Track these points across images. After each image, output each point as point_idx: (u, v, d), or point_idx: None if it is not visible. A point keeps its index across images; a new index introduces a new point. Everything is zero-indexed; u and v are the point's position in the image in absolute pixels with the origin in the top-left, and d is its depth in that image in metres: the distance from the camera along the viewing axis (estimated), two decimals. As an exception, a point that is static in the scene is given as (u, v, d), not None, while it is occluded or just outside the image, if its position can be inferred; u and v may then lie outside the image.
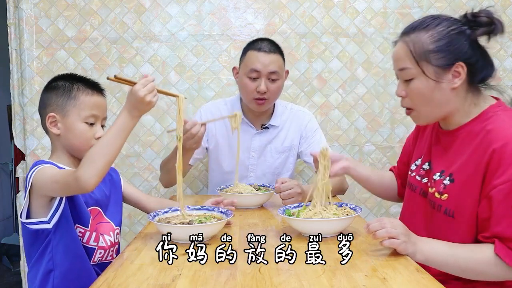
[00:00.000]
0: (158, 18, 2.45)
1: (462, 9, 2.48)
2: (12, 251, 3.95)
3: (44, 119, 1.42)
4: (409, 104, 1.33)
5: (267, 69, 1.95)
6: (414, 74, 1.28)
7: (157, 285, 1.01)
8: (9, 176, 4.45)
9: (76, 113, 1.39)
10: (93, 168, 1.19)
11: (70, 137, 1.40)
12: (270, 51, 1.96)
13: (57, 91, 1.41)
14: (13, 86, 2.42)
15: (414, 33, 1.28)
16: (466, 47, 1.25)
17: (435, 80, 1.25)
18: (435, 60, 1.25)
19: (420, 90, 1.27)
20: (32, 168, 1.32)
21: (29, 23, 2.40)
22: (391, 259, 1.14)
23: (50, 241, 1.34)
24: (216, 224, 1.31)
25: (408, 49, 1.28)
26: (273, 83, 1.97)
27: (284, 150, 2.12)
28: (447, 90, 1.26)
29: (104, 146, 1.22)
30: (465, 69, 1.25)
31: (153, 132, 2.47)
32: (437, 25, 1.26)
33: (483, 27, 1.25)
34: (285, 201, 1.69)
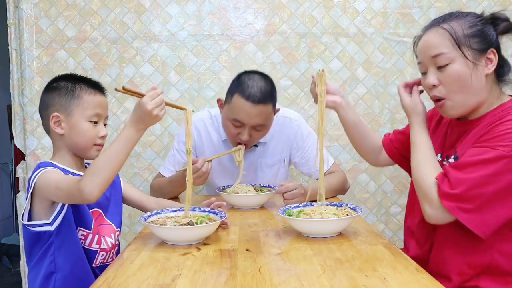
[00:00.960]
0: (158, 18, 2.45)
1: (462, 9, 2.48)
2: (12, 251, 3.95)
3: (47, 119, 1.42)
4: (442, 92, 1.30)
5: (252, 121, 1.80)
6: (451, 59, 1.28)
7: (157, 285, 1.01)
8: (9, 176, 4.45)
9: (80, 112, 1.40)
10: (97, 180, 1.19)
11: (74, 137, 1.40)
12: (259, 101, 1.77)
13: (59, 91, 1.41)
14: (13, 86, 2.43)
15: (452, 20, 1.31)
16: (494, 36, 1.31)
17: (473, 62, 1.27)
18: (474, 44, 1.28)
19: (459, 73, 1.27)
20: (36, 171, 1.32)
21: (29, 23, 2.40)
22: (391, 259, 1.14)
23: (52, 243, 1.34)
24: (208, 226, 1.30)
25: (448, 34, 1.29)
26: (258, 132, 1.85)
27: (274, 164, 2.05)
28: (482, 76, 1.28)
29: (108, 159, 1.22)
30: (497, 56, 1.29)
31: (153, 132, 2.47)
32: (466, 16, 1.32)
33: (503, 22, 1.31)
34: (287, 201, 1.69)
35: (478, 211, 1.16)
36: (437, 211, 1.20)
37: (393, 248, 1.22)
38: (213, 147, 2.01)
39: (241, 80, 1.82)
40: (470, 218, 1.16)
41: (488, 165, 1.15)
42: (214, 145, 2.01)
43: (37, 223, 1.34)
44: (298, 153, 2.03)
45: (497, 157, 1.15)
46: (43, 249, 1.35)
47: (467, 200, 1.15)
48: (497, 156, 1.15)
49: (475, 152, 1.19)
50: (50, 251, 1.34)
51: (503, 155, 1.14)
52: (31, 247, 1.38)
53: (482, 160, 1.16)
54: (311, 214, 1.38)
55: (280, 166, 2.06)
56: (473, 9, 2.47)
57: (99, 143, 1.44)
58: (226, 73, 2.47)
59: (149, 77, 2.46)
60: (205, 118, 2.05)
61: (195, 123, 2.03)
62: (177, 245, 1.28)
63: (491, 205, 1.16)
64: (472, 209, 1.15)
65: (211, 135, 2.01)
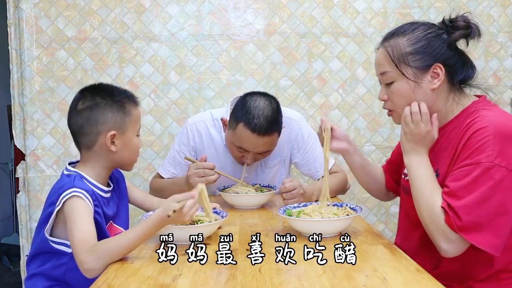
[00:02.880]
0: (158, 18, 2.45)
1: (462, 9, 2.48)
2: (12, 251, 3.95)
3: (98, 136, 1.37)
4: (390, 106, 1.37)
5: (257, 150, 1.80)
6: (394, 77, 1.32)
7: (157, 285, 1.01)
8: (9, 176, 4.44)
9: (132, 128, 1.40)
10: (103, 262, 1.16)
11: (127, 153, 1.40)
12: (265, 132, 1.74)
13: (111, 108, 1.38)
14: (13, 86, 2.43)
15: (393, 38, 1.33)
16: (443, 49, 1.30)
17: (414, 81, 1.29)
18: (413, 62, 1.29)
19: (400, 91, 1.32)
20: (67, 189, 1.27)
21: (29, 23, 2.40)
22: (391, 259, 1.14)
23: (65, 264, 1.33)
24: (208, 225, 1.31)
25: (387, 54, 1.32)
26: (262, 155, 1.86)
27: (274, 165, 2.04)
28: (427, 90, 1.30)
29: (124, 246, 1.18)
30: (444, 70, 1.29)
31: (153, 132, 2.47)
32: (414, 29, 1.32)
33: (459, 31, 1.30)
34: (287, 201, 1.68)
35: (490, 230, 1.15)
36: (454, 245, 1.18)
37: (393, 248, 1.22)
38: (215, 149, 2.00)
39: (246, 107, 1.77)
40: (487, 241, 1.15)
41: (480, 181, 1.15)
42: (216, 147, 2.00)
43: (59, 241, 1.33)
44: (299, 154, 2.02)
45: (485, 169, 1.15)
46: (54, 266, 1.34)
47: (480, 223, 1.15)
48: (484, 169, 1.15)
49: (462, 174, 1.18)
50: (60, 270, 1.34)
51: (489, 166, 1.15)
52: (39, 255, 1.37)
53: (473, 179, 1.16)
54: (311, 214, 1.38)
55: (280, 167, 2.06)
56: (473, 9, 2.48)
57: None
58: (226, 73, 2.47)
59: (149, 77, 2.46)
60: (207, 120, 2.02)
61: (196, 125, 2.00)
62: (177, 245, 1.28)
63: (499, 218, 1.16)
64: (487, 229, 1.15)
65: (213, 136, 2.00)
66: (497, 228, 1.16)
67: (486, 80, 2.51)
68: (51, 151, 2.45)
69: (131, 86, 2.44)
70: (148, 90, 2.46)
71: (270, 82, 2.49)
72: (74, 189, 1.28)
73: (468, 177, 1.17)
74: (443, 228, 1.18)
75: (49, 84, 2.43)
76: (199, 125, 2.01)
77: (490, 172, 1.15)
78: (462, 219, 1.14)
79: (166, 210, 1.19)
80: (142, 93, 2.45)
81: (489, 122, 1.20)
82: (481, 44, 2.50)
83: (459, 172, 1.19)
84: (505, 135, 1.18)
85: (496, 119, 1.21)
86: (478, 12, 2.49)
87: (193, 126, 2.00)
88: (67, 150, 2.44)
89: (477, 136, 1.19)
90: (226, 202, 1.81)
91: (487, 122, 1.20)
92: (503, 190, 1.15)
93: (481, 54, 2.51)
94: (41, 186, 2.43)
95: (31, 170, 2.43)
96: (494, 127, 1.18)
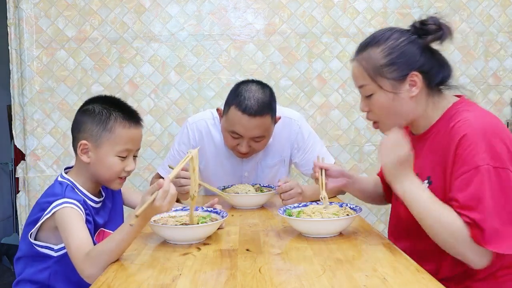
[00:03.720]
0: (158, 18, 2.45)
1: (462, 9, 2.49)
2: (12, 251, 3.95)
3: (76, 143, 1.37)
4: (373, 117, 1.37)
5: (250, 134, 1.77)
6: (372, 90, 1.32)
7: (157, 285, 1.01)
8: (9, 176, 4.44)
9: (110, 147, 1.34)
10: (99, 266, 1.14)
11: (99, 168, 1.36)
12: (255, 113, 1.73)
13: (93, 118, 1.35)
14: (13, 86, 2.43)
15: (366, 50, 1.32)
16: (418, 56, 1.29)
17: (392, 92, 1.29)
18: (389, 74, 1.28)
19: (380, 104, 1.32)
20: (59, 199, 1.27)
21: (29, 23, 2.40)
22: (391, 259, 1.14)
23: (50, 267, 1.34)
24: (208, 225, 1.31)
25: (362, 67, 1.32)
26: (257, 143, 1.82)
27: (275, 164, 2.03)
28: (407, 99, 1.30)
29: (114, 247, 1.16)
30: (420, 77, 1.28)
31: (153, 132, 2.47)
32: (387, 39, 1.30)
33: (431, 35, 1.29)
34: (285, 201, 1.69)
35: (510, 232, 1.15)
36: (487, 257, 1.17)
37: (393, 248, 1.22)
38: (215, 147, 2.00)
39: (238, 91, 1.79)
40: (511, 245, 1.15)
41: (483, 182, 1.15)
42: (216, 146, 2.00)
43: (43, 244, 1.33)
44: (299, 153, 2.02)
45: (483, 172, 1.15)
46: (38, 270, 1.35)
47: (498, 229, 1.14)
48: (483, 172, 1.15)
49: (464, 183, 1.17)
50: (45, 274, 1.34)
51: (487, 168, 1.15)
52: (24, 258, 1.37)
53: (477, 184, 1.16)
54: (311, 214, 1.38)
55: (280, 166, 2.05)
56: (473, 9, 2.48)
57: (123, 176, 1.39)
58: (226, 73, 2.47)
59: (149, 77, 2.46)
60: (208, 119, 2.02)
61: (196, 124, 2.00)
62: (177, 245, 1.28)
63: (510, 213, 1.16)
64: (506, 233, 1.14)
65: (213, 135, 2.00)
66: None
67: (486, 80, 2.51)
68: (51, 151, 2.45)
69: (131, 86, 2.45)
70: (148, 90, 2.46)
71: (270, 82, 2.47)
72: (64, 200, 1.28)
73: (471, 185, 1.16)
74: (470, 244, 1.16)
75: (49, 84, 2.43)
76: (199, 124, 2.01)
77: (489, 173, 1.15)
78: (485, 231, 1.14)
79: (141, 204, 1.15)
80: (142, 93, 2.46)
81: (472, 125, 1.20)
82: (481, 44, 2.50)
83: (460, 181, 1.18)
84: (491, 134, 1.18)
85: (478, 120, 1.22)
86: (478, 12, 2.49)
87: (193, 125, 2.00)
88: (67, 150, 2.44)
89: (465, 142, 1.19)
90: (226, 202, 1.81)
91: (470, 126, 1.20)
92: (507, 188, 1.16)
93: (481, 54, 2.51)
94: (41, 186, 2.43)
95: (31, 170, 2.43)
96: (479, 129, 1.19)
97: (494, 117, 1.27)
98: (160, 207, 1.14)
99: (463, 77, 2.51)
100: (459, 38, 2.49)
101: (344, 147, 2.50)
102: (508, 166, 1.17)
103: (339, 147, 2.50)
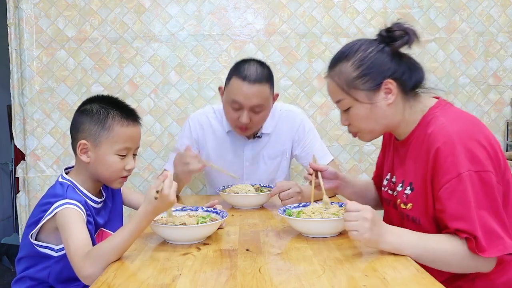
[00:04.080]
0: (158, 18, 2.45)
1: (462, 9, 2.49)
2: (12, 251, 3.95)
3: (75, 143, 1.38)
4: (354, 129, 1.39)
5: (250, 102, 1.83)
6: (349, 103, 1.33)
7: (157, 285, 1.01)
8: (9, 176, 4.44)
9: (109, 146, 1.35)
10: (99, 266, 1.14)
11: (99, 168, 1.36)
12: (255, 81, 1.81)
13: (91, 118, 1.36)
14: (13, 86, 2.42)
15: (337, 65, 1.34)
16: (388, 63, 1.30)
17: (369, 103, 1.30)
18: (363, 85, 1.30)
19: (359, 116, 1.33)
20: (60, 200, 1.28)
21: (29, 23, 2.40)
22: (391, 259, 1.14)
23: (50, 267, 1.34)
24: (208, 225, 1.31)
25: (335, 83, 1.34)
26: (257, 114, 1.87)
27: (276, 156, 2.07)
28: (384, 107, 1.31)
29: (116, 247, 1.16)
30: (394, 83, 1.29)
31: (153, 132, 2.47)
32: (355, 51, 1.32)
33: (398, 40, 1.30)
34: (284, 201, 1.69)
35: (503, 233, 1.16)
36: (490, 262, 1.19)
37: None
38: (216, 139, 2.05)
39: (238, 65, 1.89)
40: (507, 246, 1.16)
41: (467, 189, 1.16)
42: (217, 137, 2.05)
43: (43, 244, 1.33)
44: (299, 145, 2.06)
45: (466, 179, 1.16)
46: (39, 269, 1.35)
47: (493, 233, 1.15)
48: (465, 179, 1.16)
49: (448, 193, 1.18)
50: (44, 272, 1.35)
51: (469, 174, 1.16)
52: (26, 258, 1.38)
53: (462, 192, 1.16)
54: (311, 214, 1.38)
55: (282, 159, 2.08)
56: (473, 9, 2.48)
57: (124, 175, 1.40)
58: (226, 73, 2.45)
59: (149, 77, 2.46)
60: (208, 113, 2.09)
61: (197, 118, 2.07)
62: (177, 245, 1.28)
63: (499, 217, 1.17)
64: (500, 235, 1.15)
65: (214, 128, 2.05)
66: (505, 229, 1.17)
67: (486, 80, 2.51)
68: (51, 151, 2.45)
69: (131, 86, 2.45)
70: (148, 90, 2.46)
71: (270, 82, 2.49)
72: (66, 201, 1.29)
73: (456, 193, 1.17)
74: (473, 257, 1.16)
75: (49, 84, 2.43)
76: (200, 118, 2.08)
77: (471, 179, 1.16)
78: (478, 238, 1.14)
79: (149, 200, 1.18)
80: (142, 93, 2.46)
81: (449, 133, 1.21)
82: (481, 44, 2.50)
83: (444, 191, 1.19)
84: (468, 139, 1.19)
85: (454, 126, 1.22)
86: (478, 12, 2.49)
87: (194, 119, 2.08)
88: (67, 150, 2.44)
89: (443, 151, 1.19)
90: (226, 202, 1.81)
91: (447, 134, 1.21)
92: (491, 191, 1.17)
93: (481, 54, 2.51)
94: (41, 186, 2.43)
95: (31, 170, 2.43)
96: (455, 135, 1.19)
97: (470, 119, 1.28)
98: (167, 196, 1.17)
99: (463, 77, 2.51)
100: (459, 38, 2.49)
101: (344, 147, 2.50)
102: (489, 168, 1.18)
103: (339, 147, 2.50)
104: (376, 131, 1.36)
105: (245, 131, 1.91)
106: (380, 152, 1.63)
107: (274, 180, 2.07)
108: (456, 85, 2.51)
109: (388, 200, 1.47)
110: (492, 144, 1.22)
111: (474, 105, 2.53)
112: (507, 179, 1.26)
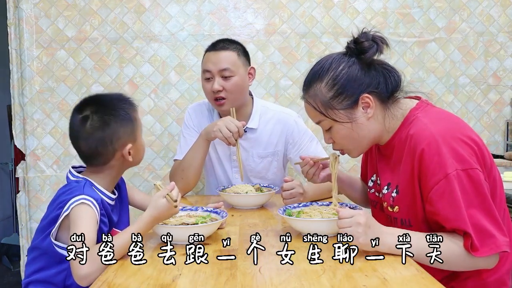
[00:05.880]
0: (158, 18, 2.45)
1: (462, 9, 2.49)
2: (12, 251, 3.95)
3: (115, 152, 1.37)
4: (340, 147, 1.38)
5: (217, 67, 1.92)
6: (329, 123, 1.33)
7: (157, 285, 1.01)
8: (9, 176, 4.44)
9: (140, 132, 1.43)
10: (94, 269, 1.14)
11: (140, 155, 1.45)
12: (221, 48, 1.93)
13: (121, 123, 1.38)
14: (13, 86, 2.42)
15: (311, 87, 1.32)
16: (362, 77, 1.28)
17: (349, 121, 1.30)
18: (340, 104, 1.29)
19: (341, 135, 1.33)
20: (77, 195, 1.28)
21: (29, 23, 2.40)
22: (391, 259, 1.14)
23: (67, 269, 1.32)
24: (208, 225, 1.31)
25: (311, 106, 1.33)
26: (228, 81, 1.92)
27: (266, 155, 2.06)
28: (365, 122, 1.30)
29: (116, 249, 1.16)
30: (371, 96, 1.28)
31: (153, 132, 2.47)
32: (327, 70, 1.30)
33: (367, 52, 1.28)
34: (286, 200, 1.69)
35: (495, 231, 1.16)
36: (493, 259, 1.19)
37: (393, 248, 1.22)
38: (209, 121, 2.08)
39: None
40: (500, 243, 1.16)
41: (456, 189, 1.16)
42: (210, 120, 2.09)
43: (60, 244, 1.32)
44: (294, 149, 2.06)
45: (453, 179, 1.16)
46: (53, 273, 1.34)
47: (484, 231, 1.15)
48: (453, 179, 1.16)
49: (438, 194, 1.18)
50: (60, 276, 1.34)
51: (456, 173, 1.16)
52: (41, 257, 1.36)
53: (451, 193, 1.16)
54: (311, 214, 1.38)
55: (273, 160, 2.08)
56: (473, 9, 2.48)
57: None
58: (226, 73, 2.46)
59: (149, 77, 2.46)
60: (204, 104, 2.16)
61: (193, 107, 2.16)
62: (177, 245, 1.28)
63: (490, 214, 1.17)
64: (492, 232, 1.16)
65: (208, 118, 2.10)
66: (497, 225, 1.17)
67: (486, 80, 2.51)
68: (51, 151, 2.45)
69: (131, 86, 2.45)
70: (148, 90, 2.46)
71: (270, 82, 2.49)
72: (83, 196, 1.28)
73: (445, 194, 1.17)
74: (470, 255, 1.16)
75: (49, 84, 2.43)
76: (196, 107, 2.16)
77: (458, 178, 1.16)
78: (472, 236, 1.14)
79: (155, 207, 1.25)
80: (142, 93, 2.46)
81: (432, 134, 1.20)
82: (481, 44, 2.50)
83: (434, 193, 1.19)
84: (451, 138, 1.19)
85: (437, 126, 1.22)
86: (478, 12, 2.49)
87: (191, 108, 2.17)
88: (67, 150, 2.44)
89: (428, 152, 1.19)
90: (226, 202, 1.81)
91: (430, 135, 1.20)
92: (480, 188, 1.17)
93: (481, 54, 2.51)
94: (41, 186, 2.43)
95: (31, 170, 2.43)
96: (438, 136, 1.19)
97: (451, 118, 1.28)
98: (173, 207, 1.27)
99: (463, 77, 2.51)
100: (459, 38, 2.49)
101: (344, 147, 2.50)
102: (475, 165, 1.18)
103: (339, 147, 2.50)
104: (361, 146, 1.36)
105: (221, 102, 1.94)
106: (363, 155, 1.62)
107: (264, 178, 2.07)
108: (456, 85, 2.51)
109: (374, 202, 1.47)
110: (476, 141, 1.21)
111: (474, 105, 2.53)
112: (493, 176, 1.25)
